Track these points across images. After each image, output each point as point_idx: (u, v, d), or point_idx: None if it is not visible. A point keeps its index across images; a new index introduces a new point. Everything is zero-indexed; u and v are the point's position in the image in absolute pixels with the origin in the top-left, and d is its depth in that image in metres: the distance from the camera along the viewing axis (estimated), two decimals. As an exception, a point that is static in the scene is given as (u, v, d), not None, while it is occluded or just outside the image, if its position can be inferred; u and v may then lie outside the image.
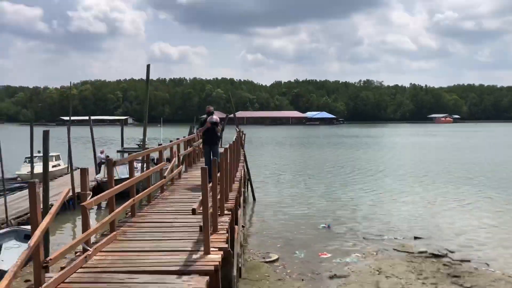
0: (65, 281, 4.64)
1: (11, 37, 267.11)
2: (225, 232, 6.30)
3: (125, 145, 24.85)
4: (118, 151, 21.64)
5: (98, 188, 17.80)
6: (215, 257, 5.29)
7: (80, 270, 5.00)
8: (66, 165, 23.48)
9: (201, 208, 5.78)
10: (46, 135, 8.89)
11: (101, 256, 5.47)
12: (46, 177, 8.96)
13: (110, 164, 6.72)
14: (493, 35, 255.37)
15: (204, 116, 11.89)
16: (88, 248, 5.12)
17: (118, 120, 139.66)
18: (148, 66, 9.50)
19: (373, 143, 54.66)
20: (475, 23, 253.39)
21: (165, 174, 9.65)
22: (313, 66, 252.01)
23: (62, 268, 4.74)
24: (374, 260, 10.59)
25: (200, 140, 13.01)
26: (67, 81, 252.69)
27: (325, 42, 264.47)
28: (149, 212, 7.99)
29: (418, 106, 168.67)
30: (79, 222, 15.42)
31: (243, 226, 12.48)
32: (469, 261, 10.46)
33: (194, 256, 5.32)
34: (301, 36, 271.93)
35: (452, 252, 11.15)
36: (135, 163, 19.30)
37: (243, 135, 21.62)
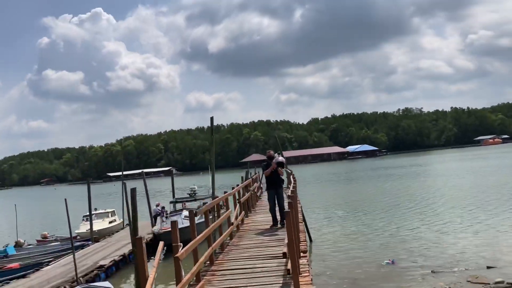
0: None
1: (56, 102, 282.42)
2: (307, 274, 6.26)
3: (176, 196, 25.33)
4: (171, 202, 22.11)
5: (155, 240, 18.08)
6: None
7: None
8: (121, 220, 24.13)
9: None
10: (133, 192, 9.06)
11: None
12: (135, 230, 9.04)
13: (192, 215, 6.89)
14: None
15: (265, 159, 12.08)
16: None
17: (162, 171, 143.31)
18: (211, 119, 9.81)
19: (422, 172, 52.99)
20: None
21: (233, 221, 9.75)
22: (349, 99, 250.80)
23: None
24: (448, 294, 10.10)
25: (256, 185, 13.14)
26: (110, 139, 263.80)
27: (358, 74, 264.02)
28: (225, 259, 8.04)
29: (462, 129, 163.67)
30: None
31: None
32: (553, 289, 9.79)
33: None
34: (333, 71, 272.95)
35: (531, 280, 10.48)
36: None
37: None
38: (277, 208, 11.65)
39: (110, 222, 23.22)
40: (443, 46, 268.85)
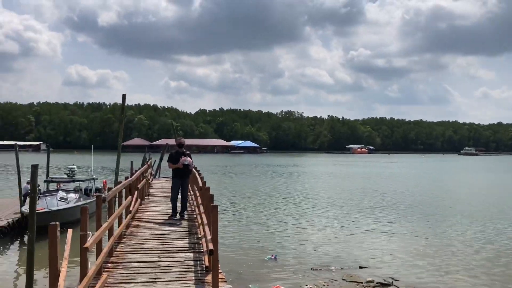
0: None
1: None
2: (220, 271, 6.08)
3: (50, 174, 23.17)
4: (45, 181, 20.13)
5: (24, 221, 16.45)
6: None
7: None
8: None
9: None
10: (34, 169, 7.69)
11: None
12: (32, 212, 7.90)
13: (100, 200, 6.24)
14: (400, 72, 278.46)
15: (174, 147, 11.71)
16: None
17: (31, 146, 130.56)
18: (124, 96, 9.04)
19: (300, 172, 56.41)
20: (386, 60, 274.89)
21: (131, 209, 9.13)
22: (236, 95, 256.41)
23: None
24: (327, 291, 10.77)
25: (150, 171, 12.65)
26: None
27: (248, 72, 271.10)
28: (125, 250, 7.47)
29: (335, 136, 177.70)
30: (4, 259, 14.02)
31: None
32: (414, 288, 11.04)
33: None
34: (225, 65, 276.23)
35: (396, 280, 11.68)
36: (66, 194, 18.16)
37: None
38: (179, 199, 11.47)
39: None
40: (327, 57, 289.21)
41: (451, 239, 16.83)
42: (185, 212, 11.79)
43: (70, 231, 4.34)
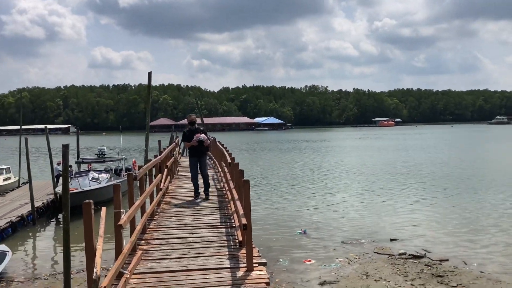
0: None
1: None
2: (254, 246, 6.08)
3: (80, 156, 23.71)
4: (76, 162, 20.60)
5: (57, 201, 16.92)
6: (261, 273, 5.05)
7: (126, 296, 4.54)
8: (17, 178, 22.14)
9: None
10: (65, 149, 7.75)
11: (138, 279, 5.00)
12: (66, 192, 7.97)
13: (131, 178, 6.28)
14: (428, 41, 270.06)
15: (184, 122, 11.51)
16: (125, 272, 4.72)
17: (60, 129, 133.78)
18: (149, 74, 9.02)
19: (326, 146, 56.02)
20: (412, 30, 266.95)
21: (161, 187, 9.22)
22: (260, 71, 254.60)
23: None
24: (358, 264, 10.71)
25: (177, 149, 12.61)
26: (1, 89, 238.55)
27: (270, 47, 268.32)
28: (158, 228, 7.54)
29: (361, 110, 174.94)
30: (42, 238, 14.52)
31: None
32: (447, 260, 10.84)
33: (239, 274, 5.05)
34: (247, 42, 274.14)
35: (429, 252, 11.51)
36: (98, 174, 18.53)
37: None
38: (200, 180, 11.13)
39: (4, 180, 21.12)
40: (351, 29, 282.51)
41: (485, 212, 16.40)
42: (209, 191, 11.26)
43: (104, 209, 4.37)
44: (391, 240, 12.73)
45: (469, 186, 22.07)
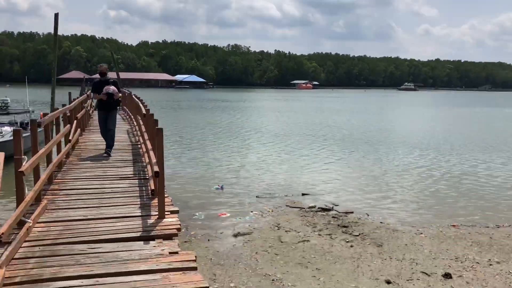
0: (16, 256, 4.07)
1: None
2: (167, 195, 6.03)
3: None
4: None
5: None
6: (173, 220, 5.06)
7: (26, 243, 4.37)
8: None
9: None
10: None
11: (41, 228, 4.82)
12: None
13: (35, 125, 5.83)
14: (348, 7, 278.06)
15: (97, 76, 10.78)
16: (28, 220, 4.46)
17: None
18: (56, 15, 8.28)
19: (248, 107, 56.59)
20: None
21: (70, 138, 8.72)
22: (181, 27, 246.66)
23: (6, 243, 4.06)
24: (271, 217, 11.18)
25: (89, 101, 11.96)
26: None
27: (193, 2, 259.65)
28: (66, 178, 7.20)
29: (282, 72, 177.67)
30: None
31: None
32: (352, 212, 11.70)
33: (150, 221, 5.01)
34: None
35: (336, 205, 12.32)
36: (0, 127, 17.17)
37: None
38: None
39: None
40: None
41: (390, 168, 17.82)
42: (111, 149, 10.57)
43: (1, 154, 4.06)
44: (303, 194, 13.41)
45: (379, 145, 23.75)
